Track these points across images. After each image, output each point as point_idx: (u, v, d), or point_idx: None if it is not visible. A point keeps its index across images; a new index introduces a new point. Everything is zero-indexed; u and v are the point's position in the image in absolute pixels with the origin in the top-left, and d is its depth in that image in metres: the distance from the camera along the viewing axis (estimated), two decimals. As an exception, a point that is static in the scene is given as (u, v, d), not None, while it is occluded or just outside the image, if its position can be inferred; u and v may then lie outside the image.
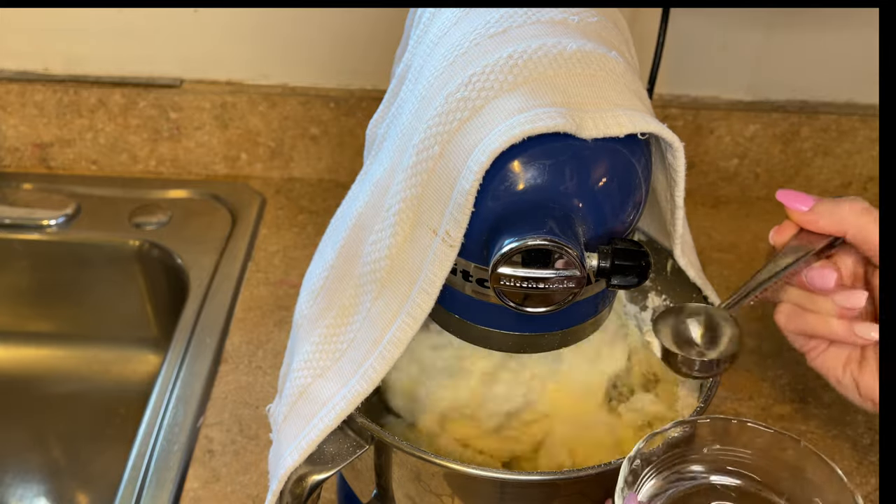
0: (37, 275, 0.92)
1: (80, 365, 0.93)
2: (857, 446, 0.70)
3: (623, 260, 0.41)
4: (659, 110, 0.91)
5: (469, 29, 0.44)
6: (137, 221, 0.91)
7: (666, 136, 0.43)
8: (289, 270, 0.86)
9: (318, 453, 0.48)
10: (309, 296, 0.51)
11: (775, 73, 0.91)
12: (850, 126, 0.92)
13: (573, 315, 0.47)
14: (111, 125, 0.94)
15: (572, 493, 0.47)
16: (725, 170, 0.96)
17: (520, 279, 0.40)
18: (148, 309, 0.93)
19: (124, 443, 0.73)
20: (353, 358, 0.47)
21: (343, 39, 0.90)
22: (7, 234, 0.90)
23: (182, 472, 0.66)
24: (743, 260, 0.89)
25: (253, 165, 0.97)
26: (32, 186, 0.95)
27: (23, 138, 0.95)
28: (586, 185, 0.41)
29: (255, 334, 0.79)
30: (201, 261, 0.86)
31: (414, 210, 0.43)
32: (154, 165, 0.97)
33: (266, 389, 0.73)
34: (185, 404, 0.72)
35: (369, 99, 0.92)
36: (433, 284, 0.42)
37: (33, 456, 0.86)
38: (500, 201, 0.41)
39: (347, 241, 0.48)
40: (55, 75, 0.93)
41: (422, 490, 0.48)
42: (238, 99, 0.92)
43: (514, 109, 0.40)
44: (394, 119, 0.48)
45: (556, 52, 0.42)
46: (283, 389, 0.52)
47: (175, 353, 0.76)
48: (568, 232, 0.40)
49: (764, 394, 0.74)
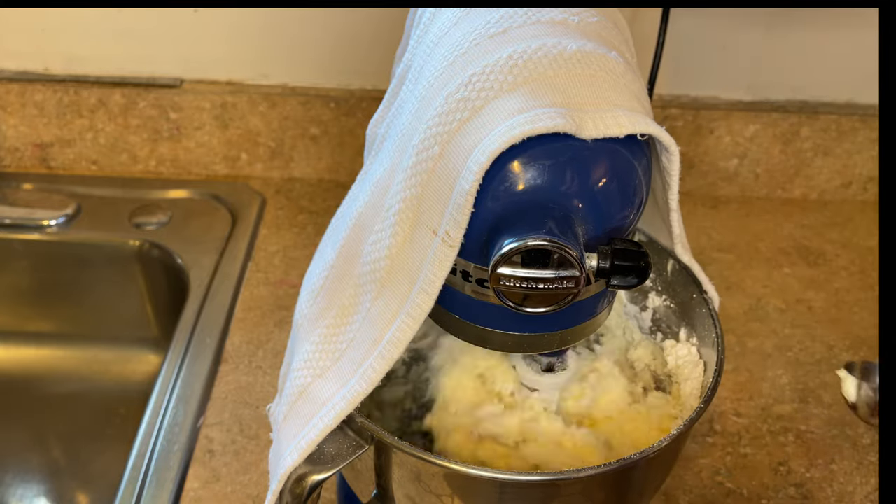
0: (37, 275, 0.92)
1: (80, 365, 0.93)
2: (857, 446, 0.70)
3: (623, 260, 0.41)
4: (659, 110, 0.91)
5: (469, 29, 0.44)
6: (137, 221, 0.91)
7: (663, 139, 0.43)
8: (289, 270, 0.86)
9: (317, 453, 0.48)
10: (309, 296, 0.51)
11: (775, 73, 0.91)
12: (850, 126, 0.92)
13: (573, 315, 0.47)
14: (111, 125, 0.94)
15: (572, 493, 0.47)
16: (725, 170, 0.96)
17: (519, 279, 0.40)
18: (148, 309, 0.93)
19: (124, 443, 0.73)
20: (352, 358, 0.47)
21: (343, 39, 0.90)
22: (7, 234, 0.90)
23: (182, 472, 0.66)
24: (743, 260, 0.89)
25: (253, 165, 0.97)
26: (32, 186, 0.95)
27: (23, 138, 0.95)
28: (586, 186, 0.41)
29: (255, 334, 0.79)
30: (201, 261, 0.86)
31: (414, 210, 0.43)
32: (154, 165, 0.97)
33: (266, 389, 0.73)
34: (185, 404, 0.72)
35: (369, 99, 0.92)
36: (433, 284, 0.42)
37: (33, 456, 0.86)
38: (500, 201, 0.41)
39: (347, 241, 0.48)
40: (55, 75, 0.93)
41: (422, 490, 0.48)
42: (238, 99, 0.92)
43: (514, 110, 0.40)
44: (394, 119, 0.48)
45: (556, 53, 0.42)
46: (283, 389, 0.52)
47: (175, 353, 0.76)
48: (568, 232, 0.40)
49: (764, 394, 0.74)
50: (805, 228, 0.93)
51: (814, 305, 0.84)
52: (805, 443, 0.70)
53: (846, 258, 0.90)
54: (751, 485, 0.67)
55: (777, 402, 0.74)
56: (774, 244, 0.91)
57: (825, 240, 0.92)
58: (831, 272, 0.88)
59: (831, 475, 0.68)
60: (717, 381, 0.50)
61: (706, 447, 0.69)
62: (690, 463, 0.68)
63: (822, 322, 0.82)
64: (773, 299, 0.84)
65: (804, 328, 0.81)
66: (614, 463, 0.45)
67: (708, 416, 0.72)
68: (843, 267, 0.89)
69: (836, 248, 0.91)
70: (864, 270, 0.88)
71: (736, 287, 0.85)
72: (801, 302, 0.84)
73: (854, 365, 0.63)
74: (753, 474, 0.68)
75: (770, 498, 0.66)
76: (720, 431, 0.71)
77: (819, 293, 0.85)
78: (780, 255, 0.90)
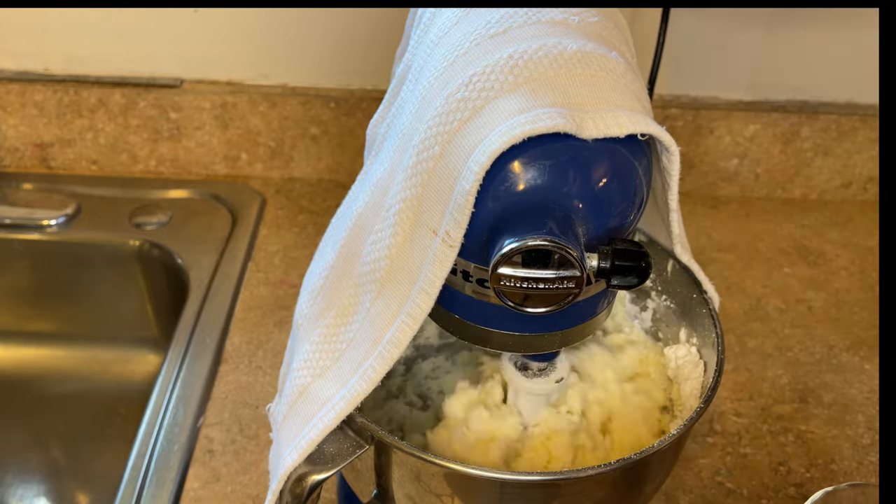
0: (37, 275, 0.92)
1: (80, 365, 0.93)
2: (857, 446, 0.70)
3: (623, 260, 0.41)
4: (659, 110, 0.91)
5: (469, 29, 0.44)
6: (137, 221, 0.91)
7: (664, 139, 0.43)
8: (289, 270, 0.86)
9: (317, 453, 0.48)
10: (309, 295, 0.51)
11: (775, 73, 0.91)
12: (850, 126, 0.92)
13: (573, 315, 0.47)
14: (111, 125, 0.94)
15: (572, 493, 0.47)
16: (725, 170, 0.96)
17: (520, 279, 0.40)
18: (148, 309, 0.93)
19: (124, 443, 0.73)
20: (352, 358, 0.47)
21: (343, 39, 0.90)
22: (7, 234, 0.90)
23: (182, 472, 0.66)
24: (743, 260, 0.89)
25: (253, 165, 0.97)
26: (32, 186, 0.95)
27: (23, 138, 0.95)
28: (587, 186, 0.41)
29: (255, 334, 0.79)
30: (201, 261, 0.86)
31: (414, 210, 0.43)
32: (154, 165, 0.97)
33: (266, 389, 0.73)
34: (185, 404, 0.72)
35: (369, 99, 0.92)
36: (433, 285, 0.42)
37: (33, 456, 0.86)
38: (501, 202, 0.41)
39: (347, 241, 0.48)
40: (55, 75, 0.93)
41: (422, 490, 0.48)
42: (238, 99, 0.92)
43: (515, 110, 0.40)
44: (394, 119, 0.48)
45: (557, 53, 0.42)
46: (282, 389, 0.52)
47: (175, 353, 0.76)
48: (568, 232, 0.40)
49: (764, 394, 0.74)
50: (805, 228, 0.93)
51: (814, 305, 0.84)
52: (805, 443, 0.70)
53: (846, 258, 0.90)
54: (751, 485, 0.67)
55: (777, 402, 0.74)
56: (774, 244, 0.91)
57: (825, 240, 0.92)
58: (831, 272, 0.88)
59: (831, 475, 0.68)
60: (717, 381, 0.50)
61: (706, 447, 0.69)
62: (690, 463, 0.68)
63: (822, 322, 0.82)
64: (773, 299, 0.84)
65: (804, 328, 0.81)
66: (614, 463, 0.45)
67: (708, 416, 0.72)
68: (843, 267, 0.89)
69: (836, 248, 0.91)
70: (864, 270, 0.88)
71: (736, 287, 0.85)
72: (801, 302, 0.84)
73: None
74: (753, 474, 0.68)
75: (770, 498, 0.66)
76: (720, 431, 0.71)
77: (819, 293, 0.85)
78: (780, 255, 0.90)
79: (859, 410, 0.73)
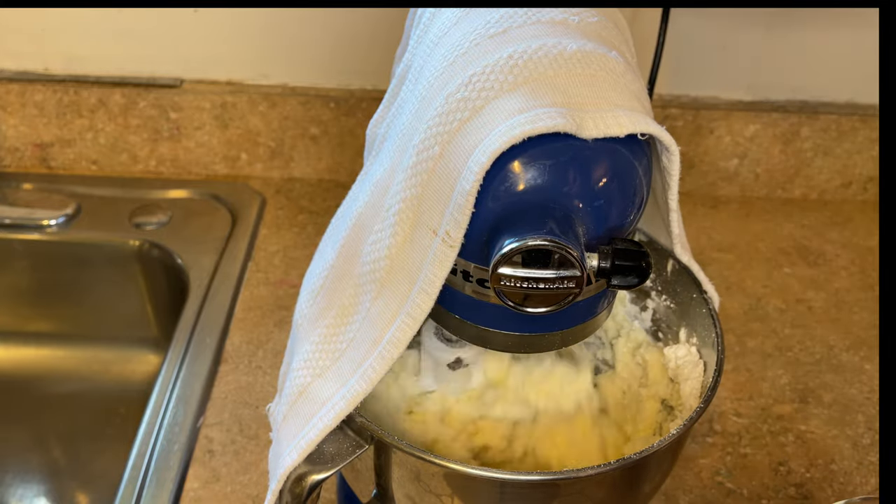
0: (37, 275, 0.92)
1: (80, 365, 0.93)
2: (857, 446, 0.70)
3: (623, 260, 0.41)
4: (659, 110, 0.91)
5: (469, 29, 0.44)
6: (137, 221, 0.91)
7: (664, 139, 0.43)
8: (289, 270, 0.86)
9: (317, 453, 0.48)
10: (309, 295, 0.51)
11: (775, 73, 0.91)
12: (850, 126, 0.92)
13: (573, 315, 0.46)
14: (111, 125, 0.94)
15: (572, 493, 0.47)
16: (725, 170, 0.96)
17: (520, 279, 0.40)
18: (148, 309, 0.93)
19: (124, 443, 0.73)
20: (352, 358, 0.47)
21: (343, 39, 0.90)
22: (7, 234, 0.90)
23: (182, 472, 0.66)
24: (743, 260, 0.89)
25: (253, 165, 0.97)
26: (32, 186, 0.95)
27: (23, 138, 0.95)
28: (587, 186, 0.41)
29: (255, 334, 0.79)
30: (201, 261, 0.86)
31: (414, 210, 0.43)
32: (154, 165, 0.97)
33: (266, 389, 0.73)
34: (185, 404, 0.72)
35: (369, 99, 0.92)
36: (433, 285, 0.42)
37: (33, 456, 0.86)
38: (501, 202, 0.41)
39: (347, 241, 0.49)
40: (55, 75, 0.93)
41: (422, 490, 0.48)
42: (238, 99, 0.92)
43: (515, 110, 0.40)
44: (394, 119, 0.48)
45: (557, 53, 0.42)
46: (282, 389, 0.52)
47: (175, 353, 0.76)
48: (568, 232, 0.40)
49: (764, 394, 0.74)
50: (805, 228, 0.93)
51: (814, 305, 0.84)
52: (805, 443, 0.70)
53: (846, 258, 0.90)
54: (751, 485, 0.67)
55: (777, 402, 0.74)
56: (774, 244, 0.91)
57: (825, 240, 0.92)
58: (831, 272, 0.88)
59: (831, 475, 0.68)
60: (717, 381, 0.50)
61: (706, 447, 0.69)
62: (690, 463, 0.68)
63: (822, 322, 0.82)
64: (773, 299, 0.84)
65: (804, 328, 0.81)
66: (614, 463, 0.45)
67: (708, 416, 0.72)
68: (843, 267, 0.89)
69: (836, 248, 0.91)
70: (864, 270, 0.88)
71: (736, 287, 0.85)
72: (801, 302, 0.84)
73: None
74: (753, 474, 0.68)
75: (770, 498, 0.66)
76: (720, 431, 0.71)
77: (819, 293, 0.85)
78: (780, 255, 0.90)
79: (859, 410, 0.73)
